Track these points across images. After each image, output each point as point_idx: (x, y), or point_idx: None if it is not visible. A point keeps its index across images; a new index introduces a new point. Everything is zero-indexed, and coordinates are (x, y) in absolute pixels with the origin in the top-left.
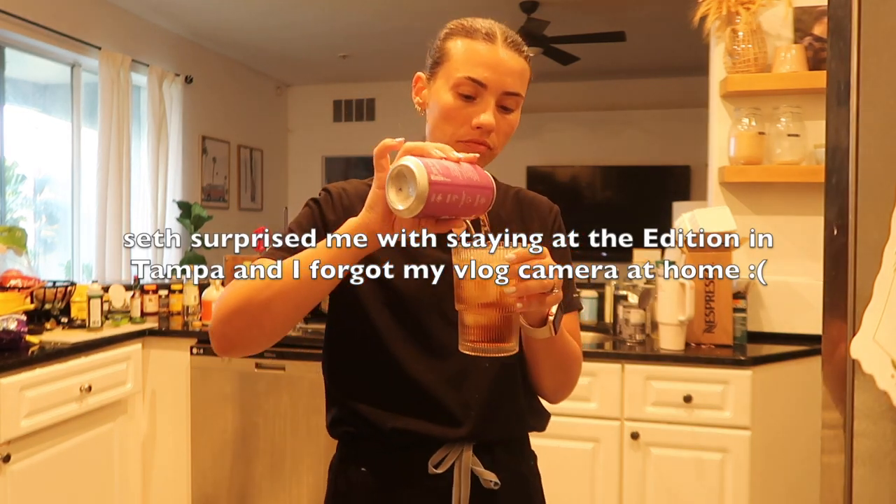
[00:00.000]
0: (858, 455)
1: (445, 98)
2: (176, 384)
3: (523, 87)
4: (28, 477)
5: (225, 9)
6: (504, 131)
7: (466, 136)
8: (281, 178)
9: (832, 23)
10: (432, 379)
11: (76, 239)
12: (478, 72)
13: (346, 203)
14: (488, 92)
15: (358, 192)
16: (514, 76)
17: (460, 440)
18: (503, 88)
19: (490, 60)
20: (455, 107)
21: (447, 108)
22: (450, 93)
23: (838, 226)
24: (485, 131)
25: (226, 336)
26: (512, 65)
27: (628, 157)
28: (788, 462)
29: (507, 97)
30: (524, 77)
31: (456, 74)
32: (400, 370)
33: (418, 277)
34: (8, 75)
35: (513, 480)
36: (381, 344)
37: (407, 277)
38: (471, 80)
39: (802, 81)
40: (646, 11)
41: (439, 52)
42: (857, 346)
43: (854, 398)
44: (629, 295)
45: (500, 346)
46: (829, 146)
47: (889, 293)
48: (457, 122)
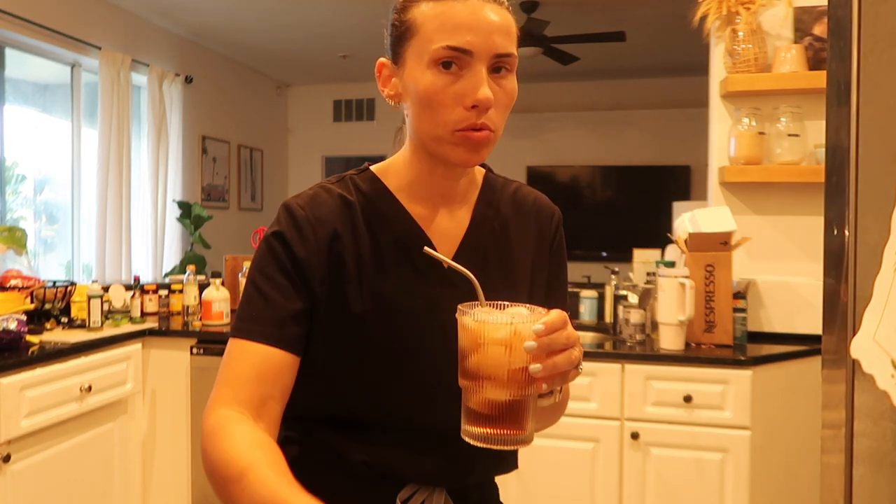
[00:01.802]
0: (858, 455)
1: (424, 79)
2: (176, 384)
3: (514, 44)
4: (28, 477)
5: (225, 9)
6: (503, 103)
7: (463, 121)
8: (281, 178)
9: (832, 23)
10: (415, 417)
11: (76, 239)
12: (457, 37)
13: (320, 232)
14: (476, 59)
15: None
16: (503, 33)
17: (434, 482)
18: (493, 51)
19: (470, 20)
20: (439, 87)
21: (429, 92)
22: (428, 72)
23: (838, 226)
24: (482, 109)
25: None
26: (496, 20)
27: (628, 157)
28: (788, 462)
29: (500, 60)
30: (512, 33)
31: (431, 47)
32: (382, 404)
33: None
34: (8, 75)
35: None
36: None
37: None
38: (451, 50)
39: (802, 81)
40: (646, 11)
41: (402, 25)
42: (857, 346)
43: (854, 398)
44: (629, 295)
45: (515, 434)
46: (829, 146)
47: (889, 293)
48: (446, 107)
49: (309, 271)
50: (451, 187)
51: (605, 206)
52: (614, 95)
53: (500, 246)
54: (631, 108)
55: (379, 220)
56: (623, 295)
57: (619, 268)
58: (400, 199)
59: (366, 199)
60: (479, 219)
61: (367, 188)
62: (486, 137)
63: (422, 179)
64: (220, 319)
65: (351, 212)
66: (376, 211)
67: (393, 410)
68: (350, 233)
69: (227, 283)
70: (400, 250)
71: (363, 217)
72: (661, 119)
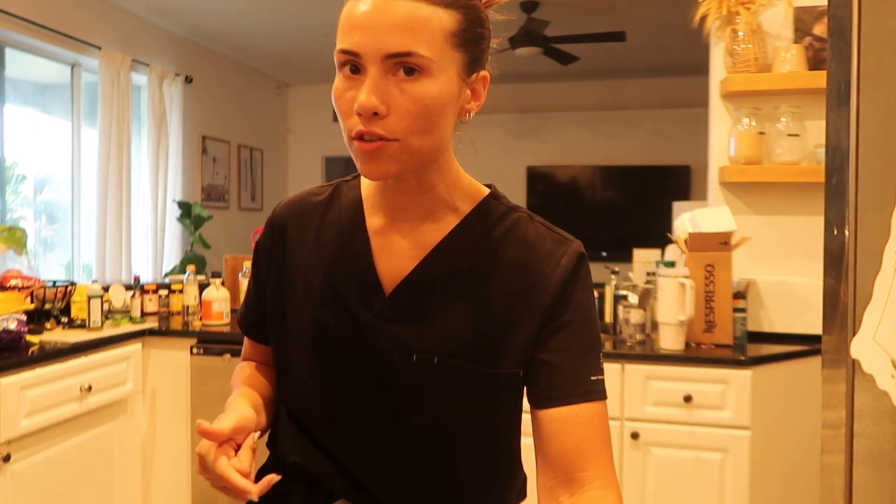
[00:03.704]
0: (858, 455)
1: (334, 84)
2: (176, 384)
3: (423, 41)
4: (28, 477)
5: (225, 9)
6: (405, 109)
7: (353, 128)
8: (281, 178)
9: (832, 23)
10: (350, 442)
11: (76, 239)
12: (348, 38)
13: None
14: (365, 60)
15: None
16: (400, 30)
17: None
18: (381, 51)
19: (363, 19)
20: (338, 93)
21: (335, 97)
22: (338, 76)
23: (838, 226)
24: (366, 117)
25: None
26: (395, 15)
27: (628, 157)
28: (788, 462)
29: (399, 60)
30: (423, 28)
31: (335, 52)
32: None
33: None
34: (8, 75)
35: None
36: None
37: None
38: (342, 53)
39: (802, 81)
40: (646, 11)
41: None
42: (857, 346)
43: (854, 398)
44: (629, 295)
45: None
46: (829, 146)
47: (889, 293)
48: (343, 111)
49: (266, 267)
50: (407, 202)
51: (605, 206)
52: (614, 95)
53: (465, 286)
54: (631, 108)
55: (334, 228)
56: (623, 295)
57: (619, 268)
58: (365, 208)
59: (338, 205)
60: (446, 247)
61: (346, 195)
62: (377, 148)
63: (379, 191)
64: (220, 319)
65: (317, 216)
66: (337, 219)
67: (317, 422)
68: (306, 236)
69: (227, 283)
70: (343, 259)
71: (325, 223)
72: (661, 119)
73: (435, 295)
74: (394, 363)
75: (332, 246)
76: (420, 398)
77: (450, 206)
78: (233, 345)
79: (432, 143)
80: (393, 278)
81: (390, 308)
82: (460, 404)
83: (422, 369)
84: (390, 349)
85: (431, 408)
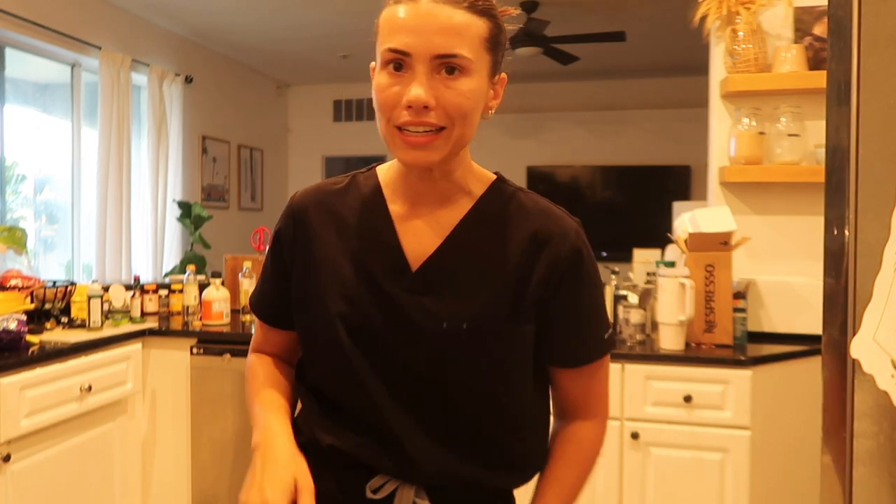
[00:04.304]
0: (858, 455)
1: (377, 80)
2: (176, 384)
3: (465, 44)
4: (28, 477)
5: (225, 9)
6: (453, 104)
7: (400, 118)
8: (281, 178)
9: (832, 23)
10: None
11: (76, 239)
12: (397, 39)
13: (303, 220)
14: (414, 59)
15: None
16: (447, 34)
17: (405, 479)
18: (431, 52)
19: (412, 22)
20: (384, 87)
21: (377, 91)
22: (380, 73)
23: (838, 226)
24: (417, 109)
25: None
26: (440, 20)
27: (628, 157)
28: (788, 462)
29: (445, 60)
30: (465, 33)
31: (381, 49)
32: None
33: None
34: (8, 75)
35: None
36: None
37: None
38: (392, 52)
39: (802, 81)
40: (646, 11)
41: (375, 28)
42: (857, 346)
43: (854, 398)
44: (629, 295)
45: None
46: (829, 146)
47: (889, 293)
48: (388, 105)
49: (289, 253)
50: (427, 188)
51: (605, 206)
52: (614, 95)
53: (483, 260)
54: (631, 108)
55: (358, 214)
56: (623, 295)
57: (619, 268)
58: (386, 195)
59: (357, 193)
60: (464, 227)
61: (364, 184)
62: (428, 140)
63: (401, 178)
64: (220, 319)
65: (338, 203)
66: (359, 205)
67: (354, 400)
68: (329, 222)
69: (228, 282)
70: (369, 242)
71: (347, 209)
72: (661, 119)
73: (457, 269)
74: (426, 333)
75: (358, 230)
76: (452, 363)
77: (464, 191)
78: (233, 345)
79: (468, 134)
80: (418, 257)
81: (418, 283)
82: (485, 364)
83: (452, 336)
84: (421, 320)
85: (461, 370)
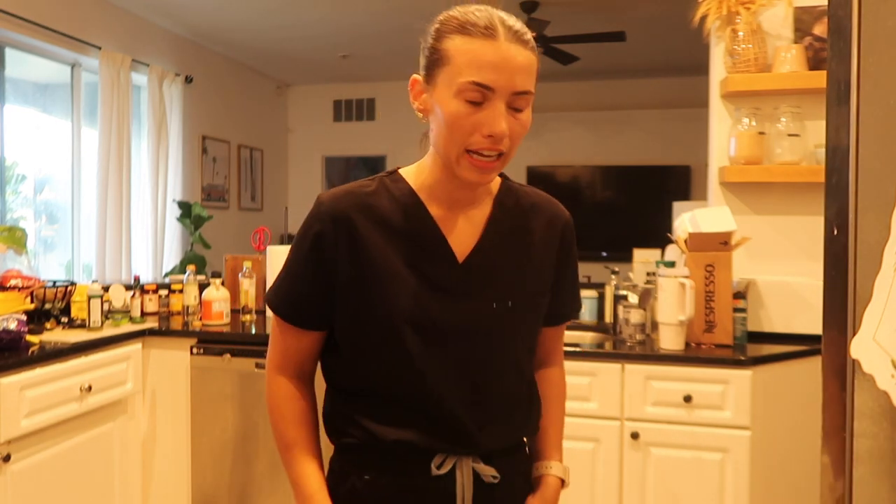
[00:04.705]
0: (858, 455)
1: (451, 106)
2: (176, 384)
3: (533, 82)
4: (28, 477)
5: (225, 9)
6: (517, 133)
7: (476, 144)
8: (281, 178)
9: (832, 23)
10: (448, 398)
11: (76, 239)
12: (483, 75)
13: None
14: (497, 95)
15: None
16: (523, 73)
17: (463, 452)
18: (512, 89)
19: (494, 60)
20: (462, 114)
21: (454, 117)
22: (455, 100)
23: (838, 226)
24: (496, 139)
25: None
26: (519, 61)
27: (628, 157)
28: (788, 462)
29: (517, 97)
30: (532, 71)
31: (459, 79)
32: (419, 388)
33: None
34: (8, 75)
35: (510, 473)
36: (403, 361)
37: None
38: (476, 86)
39: (802, 81)
40: (646, 11)
41: (436, 52)
42: (857, 346)
43: (854, 398)
44: (629, 295)
45: None
46: (829, 146)
47: (889, 293)
48: (465, 131)
49: (330, 258)
50: (468, 195)
51: (605, 206)
52: (614, 95)
53: (513, 247)
54: (631, 108)
55: (399, 216)
56: (623, 295)
57: (619, 268)
58: (422, 198)
59: (390, 196)
60: (494, 222)
61: (394, 188)
62: (497, 164)
63: (442, 185)
64: (220, 319)
65: (374, 205)
66: (398, 207)
67: (412, 391)
68: (371, 223)
69: (228, 283)
70: (416, 241)
71: (384, 211)
72: (661, 119)
73: (495, 256)
74: (479, 315)
75: (405, 231)
76: (498, 339)
77: (486, 192)
78: (233, 345)
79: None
80: (461, 251)
81: (466, 274)
82: (521, 334)
83: (501, 314)
84: (474, 305)
85: (506, 344)
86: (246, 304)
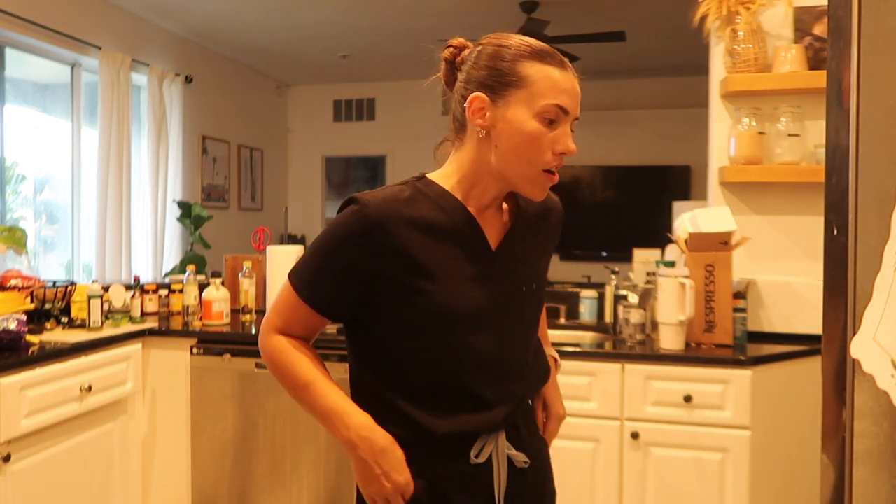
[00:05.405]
0: (858, 455)
1: (530, 125)
2: (176, 384)
3: None
4: (28, 477)
5: (225, 9)
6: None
7: (551, 163)
8: (281, 178)
9: (832, 23)
10: (486, 381)
11: (76, 239)
12: (562, 99)
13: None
14: (568, 119)
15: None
16: (580, 99)
17: (498, 427)
18: (576, 113)
19: (570, 87)
20: (541, 134)
21: (534, 136)
22: (534, 119)
23: (838, 226)
24: (566, 156)
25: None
26: (578, 90)
27: (628, 156)
28: (788, 462)
29: (574, 121)
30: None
31: (542, 101)
32: (466, 375)
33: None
34: (8, 75)
35: (536, 457)
36: (457, 350)
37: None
38: (558, 108)
39: (802, 81)
40: (646, 11)
41: (511, 74)
42: (857, 346)
43: (854, 398)
44: (629, 295)
45: None
46: (829, 146)
47: (889, 293)
48: (541, 150)
49: (369, 263)
50: (499, 197)
51: (605, 206)
52: (614, 95)
53: (531, 236)
54: (631, 108)
55: (440, 217)
56: (623, 295)
57: (619, 268)
58: (459, 198)
59: (426, 198)
60: (517, 217)
61: (429, 192)
62: (557, 180)
63: (481, 190)
64: (220, 319)
65: (414, 208)
66: (437, 207)
67: (459, 380)
68: (416, 228)
69: (228, 283)
70: (458, 237)
71: (424, 212)
72: (661, 119)
73: (519, 246)
74: (512, 295)
75: (447, 230)
76: (529, 316)
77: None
78: (233, 345)
79: None
80: (493, 241)
81: (500, 262)
82: (538, 313)
83: (529, 295)
84: (510, 289)
85: (530, 320)
86: (246, 304)
